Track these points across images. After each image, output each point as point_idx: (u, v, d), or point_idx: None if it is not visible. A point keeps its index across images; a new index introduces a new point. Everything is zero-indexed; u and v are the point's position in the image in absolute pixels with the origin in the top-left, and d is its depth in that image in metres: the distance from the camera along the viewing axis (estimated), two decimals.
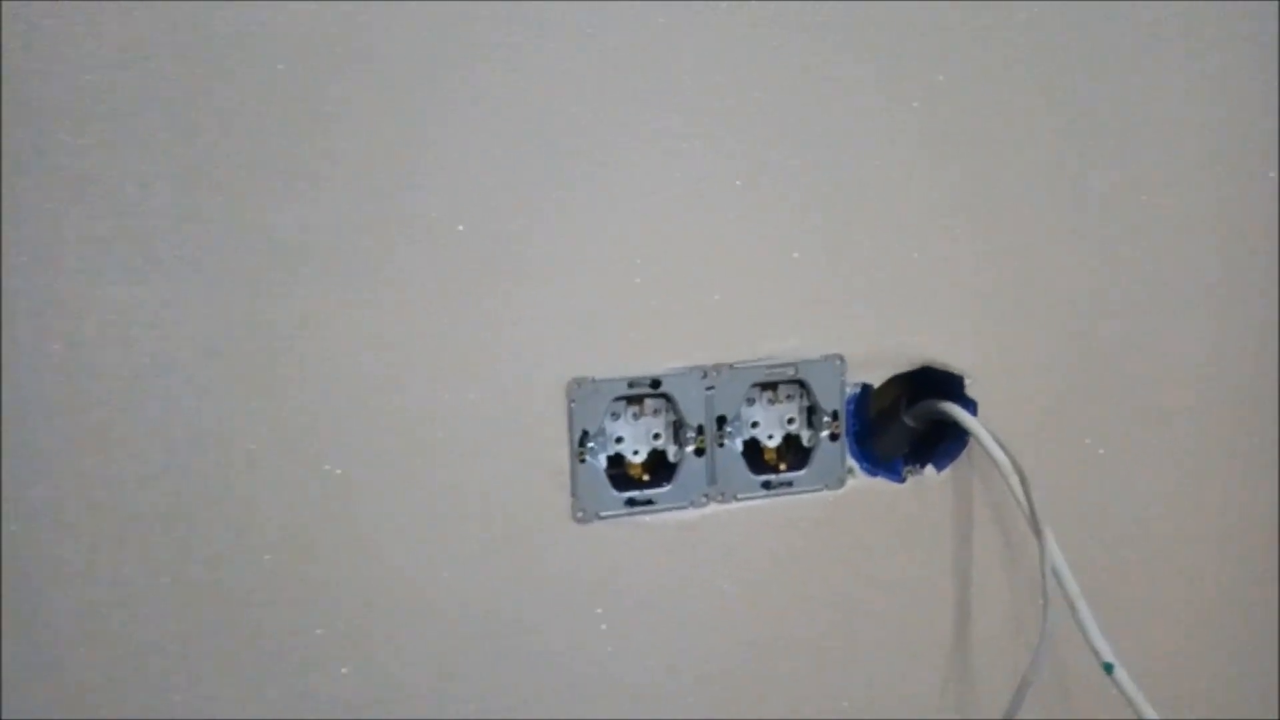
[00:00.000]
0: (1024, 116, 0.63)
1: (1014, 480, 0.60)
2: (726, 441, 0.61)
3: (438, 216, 0.54)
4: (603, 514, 0.58)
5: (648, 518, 0.59)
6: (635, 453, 0.60)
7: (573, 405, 0.57)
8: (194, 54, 0.50)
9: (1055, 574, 0.59)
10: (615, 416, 0.60)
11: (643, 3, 0.56)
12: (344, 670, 0.54)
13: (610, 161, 0.56)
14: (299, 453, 0.53)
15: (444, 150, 0.54)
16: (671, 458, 0.60)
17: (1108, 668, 0.58)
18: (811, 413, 0.62)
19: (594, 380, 0.57)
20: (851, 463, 0.63)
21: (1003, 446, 0.61)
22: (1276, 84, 0.67)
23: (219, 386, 0.52)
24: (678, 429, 0.60)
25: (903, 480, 0.64)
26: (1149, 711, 0.58)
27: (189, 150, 0.50)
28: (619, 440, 0.60)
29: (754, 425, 0.62)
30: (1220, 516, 0.69)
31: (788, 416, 0.62)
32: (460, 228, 0.55)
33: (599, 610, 0.59)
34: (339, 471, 0.54)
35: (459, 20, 0.53)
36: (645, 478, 0.60)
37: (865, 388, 0.62)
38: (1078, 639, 0.60)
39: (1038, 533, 0.59)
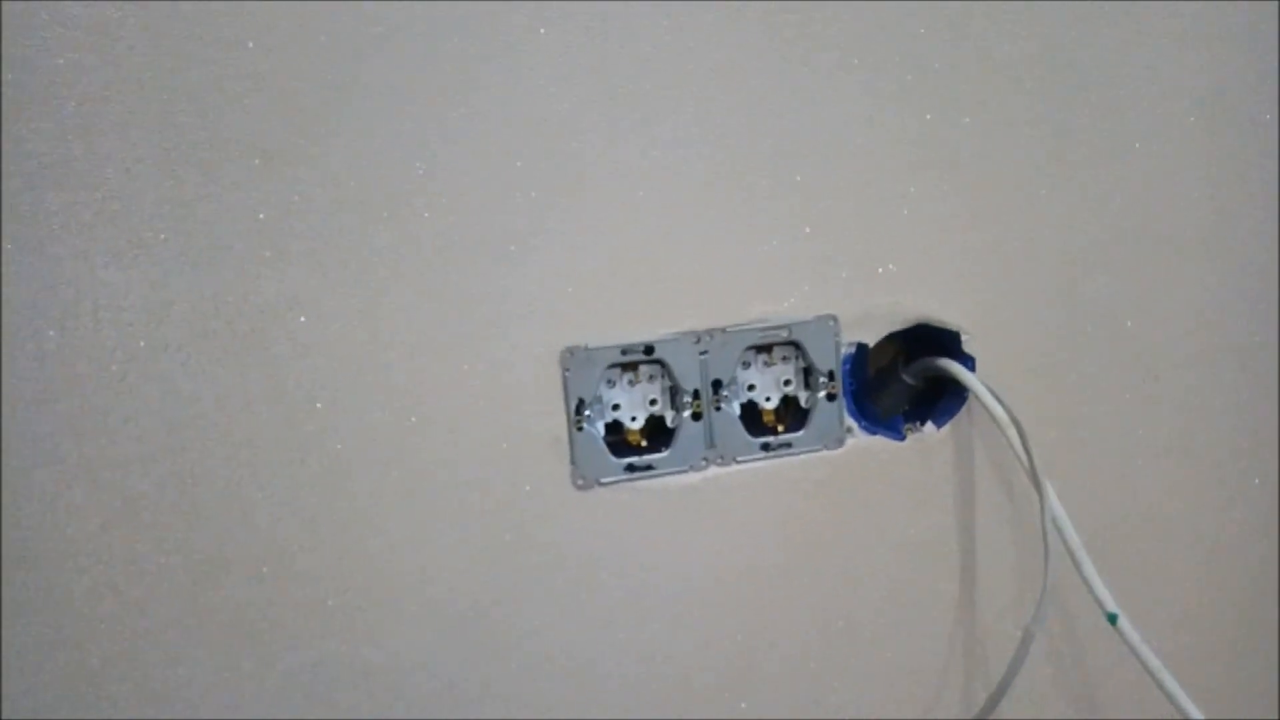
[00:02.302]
0: (1011, 69, 0.62)
1: (1013, 434, 0.60)
2: (723, 405, 0.61)
3: (426, 191, 0.54)
4: (603, 480, 0.59)
5: (648, 483, 0.60)
6: (633, 419, 0.60)
7: (567, 374, 0.57)
8: (163, 33, 0.50)
9: (1056, 526, 0.59)
10: (611, 384, 0.60)
11: None
12: (356, 639, 0.56)
13: (597, 131, 0.56)
14: (297, 430, 0.54)
15: (431, 125, 0.54)
16: (669, 423, 0.61)
17: (1111, 618, 0.59)
18: (808, 373, 0.62)
19: (587, 348, 0.58)
20: (850, 422, 0.63)
21: (1001, 401, 0.61)
22: (1277, 29, 0.66)
23: (214, 367, 0.52)
24: (674, 394, 0.60)
25: (903, 438, 0.64)
26: (1154, 661, 0.58)
27: (166, 132, 0.50)
28: (616, 407, 0.60)
29: (750, 388, 0.62)
30: (1218, 465, 0.69)
31: (784, 378, 0.62)
32: (448, 201, 0.55)
33: (603, 575, 0.59)
34: (338, 447, 0.55)
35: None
36: (644, 444, 0.61)
37: (861, 347, 0.62)
38: (1082, 590, 0.60)
39: (1038, 485, 0.59)
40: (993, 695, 0.61)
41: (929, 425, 0.64)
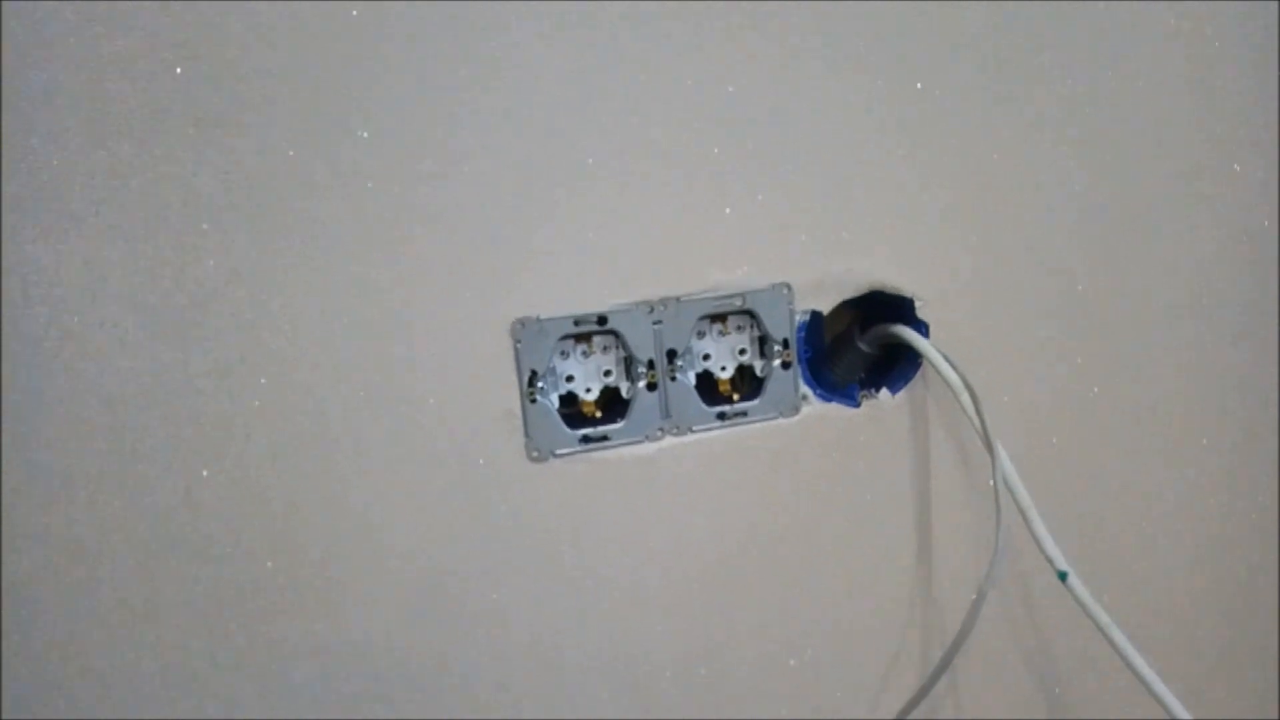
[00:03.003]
0: (964, 35, 0.62)
1: (965, 399, 0.61)
2: (678, 375, 0.60)
3: (370, 159, 0.53)
4: (558, 452, 0.58)
5: (604, 454, 0.59)
6: (587, 390, 0.60)
7: (519, 346, 0.57)
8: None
9: (1007, 486, 0.60)
10: (565, 355, 0.59)
11: None
12: (309, 617, 0.55)
13: (546, 99, 0.55)
14: (242, 406, 0.53)
15: (374, 90, 0.53)
16: (624, 394, 0.60)
17: (1062, 575, 0.59)
18: (763, 342, 0.62)
19: (539, 319, 0.57)
20: (805, 390, 0.63)
21: (954, 366, 0.61)
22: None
23: (152, 342, 0.51)
24: (629, 364, 0.60)
25: (858, 405, 0.64)
26: (1104, 617, 0.59)
27: (95, 101, 0.49)
28: (570, 379, 0.60)
29: (706, 358, 0.62)
30: (1168, 426, 0.70)
31: (739, 347, 0.62)
32: (392, 170, 0.53)
33: (560, 547, 0.59)
34: (285, 423, 0.54)
35: None
36: (599, 415, 0.60)
37: (815, 315, 0.62)
38: (1035, 550, 0.61)
39: (990, 447, 0.60)
40: (947, 652, 0.62)
41: (884, 392, 0.64)
